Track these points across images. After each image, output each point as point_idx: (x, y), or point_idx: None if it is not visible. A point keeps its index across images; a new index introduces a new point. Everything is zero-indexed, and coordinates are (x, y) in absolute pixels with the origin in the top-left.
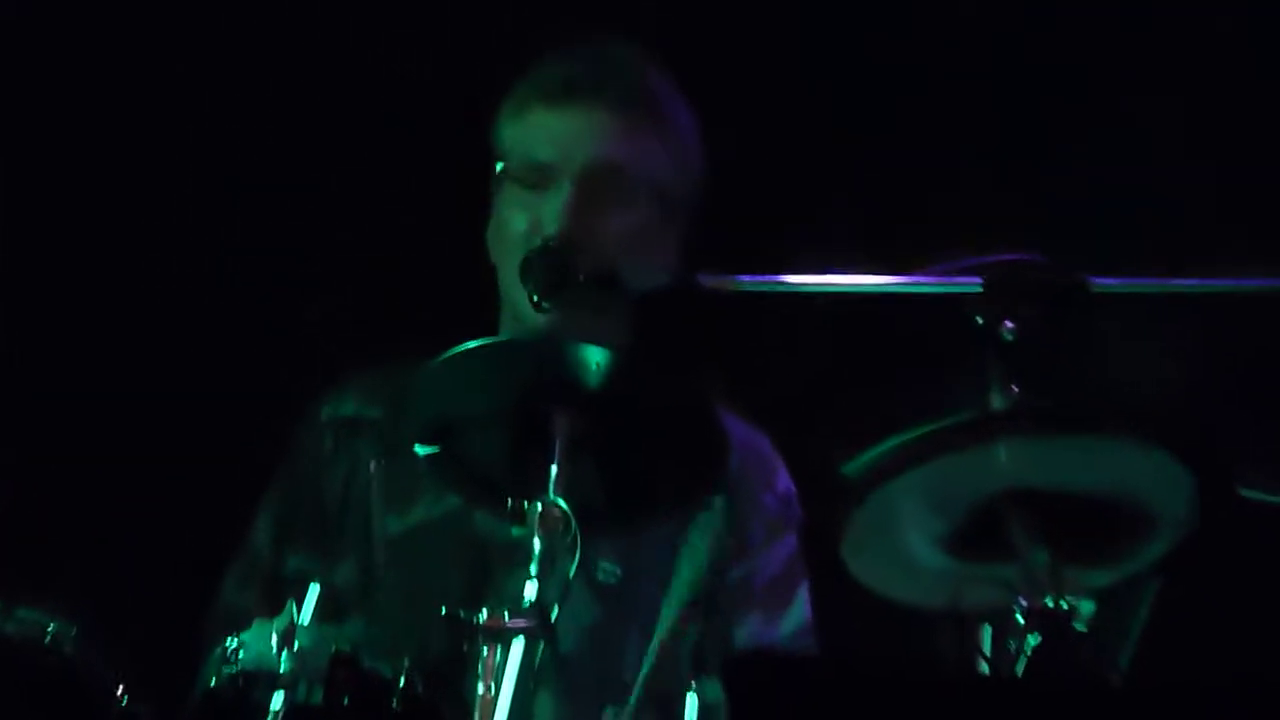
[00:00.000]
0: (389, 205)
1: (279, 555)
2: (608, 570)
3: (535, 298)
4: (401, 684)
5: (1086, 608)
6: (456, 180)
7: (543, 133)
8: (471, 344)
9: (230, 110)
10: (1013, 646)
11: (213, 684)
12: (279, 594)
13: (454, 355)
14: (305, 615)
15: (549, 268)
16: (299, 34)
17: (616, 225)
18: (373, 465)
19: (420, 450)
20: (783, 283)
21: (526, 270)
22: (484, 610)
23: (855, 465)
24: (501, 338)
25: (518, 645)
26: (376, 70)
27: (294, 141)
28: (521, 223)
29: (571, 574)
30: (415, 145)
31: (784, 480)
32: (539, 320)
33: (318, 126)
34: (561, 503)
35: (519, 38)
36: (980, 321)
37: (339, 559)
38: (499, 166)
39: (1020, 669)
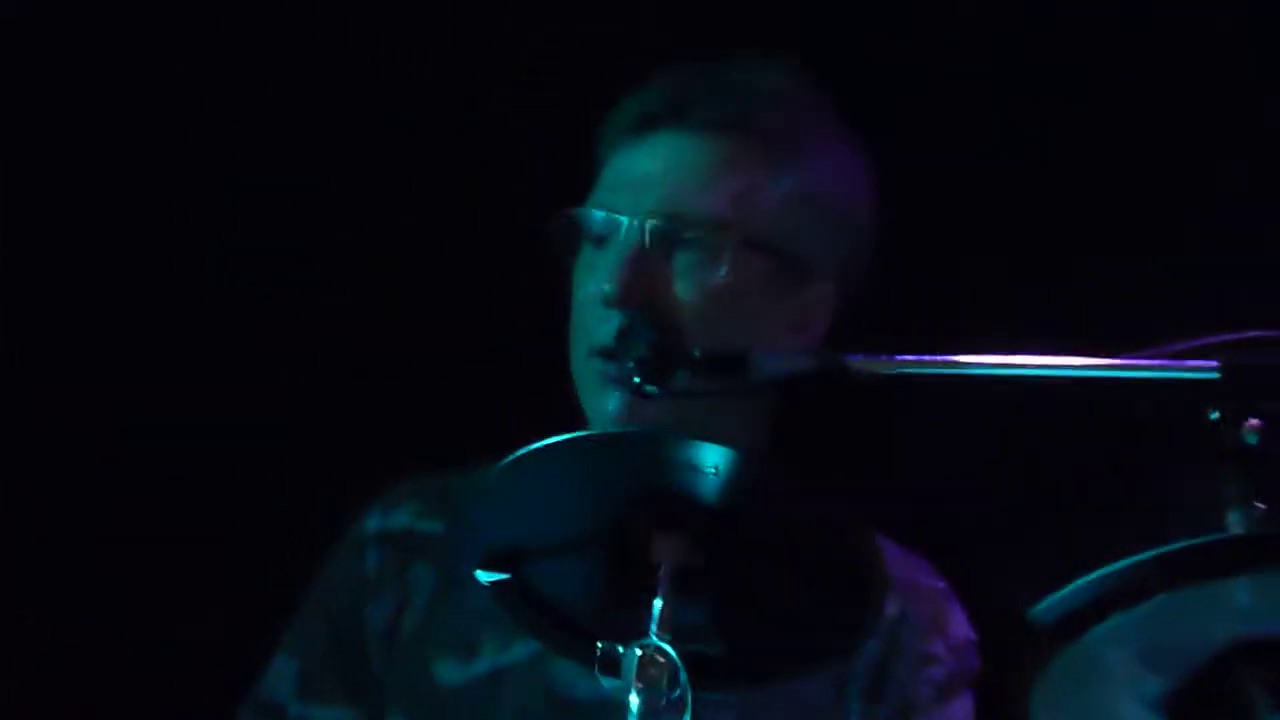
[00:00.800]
0: (466, 270)
1: (304, 706)
2: None
3: (637, 379)
4: None
5: None
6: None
7: (617, 176)
8: (551, 440)
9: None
10: None
11: None
12: None
13: (528, 454)
14: None
15: (656, 341)
16: (325, 43)
17: (696, 288)
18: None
19: (484, 578)
20: (954, 364)
21: (624, 341)
22: None
23: (1047, 606)
24: (591, 432)
25: None
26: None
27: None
28: (587, 287)
29: None
30: (500, 212)
31: (959, 625)
32: (621, 414)
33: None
34: (668, 648)
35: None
36: (1216, 418)
37: (382, 714)
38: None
39: None
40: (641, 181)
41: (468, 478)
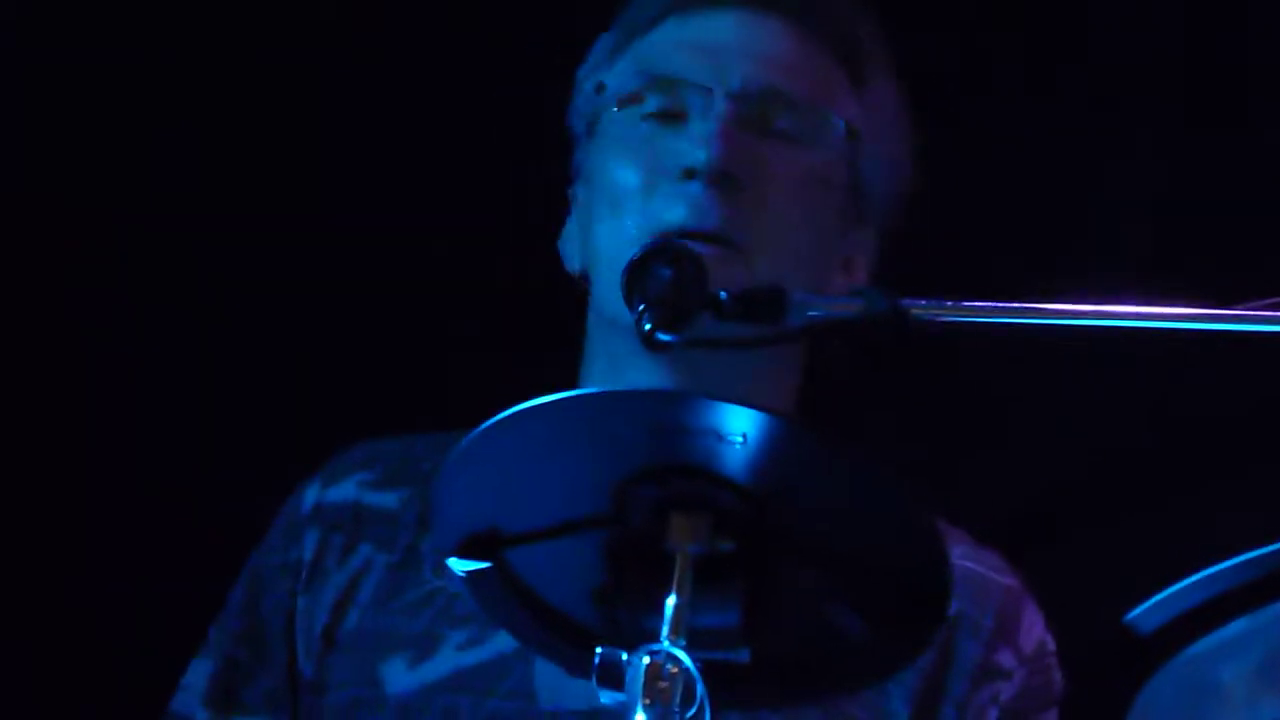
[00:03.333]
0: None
1: (214, 716)
2: None
3: (648, 325)
4: None
5: None
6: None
7: (680, 42)
8: (542, 399)
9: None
10: None
11: None
12: None
13: (510, 417)
14: None
15: (676, 276)
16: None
17: (790, 164)
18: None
19: (458, 567)
20: (1038, 312)
21: (635, 277)
22: None
23: (1144, 612)
24: (590, 390)
25: None
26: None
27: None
28: (634, 171)
29: None
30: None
31: (1035, 631)
32: (650, 364)
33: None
34: (683, 656)
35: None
36: None
37: None
38: (602, 103)
39: None
40: (720, 50)
41: (436, 442)
